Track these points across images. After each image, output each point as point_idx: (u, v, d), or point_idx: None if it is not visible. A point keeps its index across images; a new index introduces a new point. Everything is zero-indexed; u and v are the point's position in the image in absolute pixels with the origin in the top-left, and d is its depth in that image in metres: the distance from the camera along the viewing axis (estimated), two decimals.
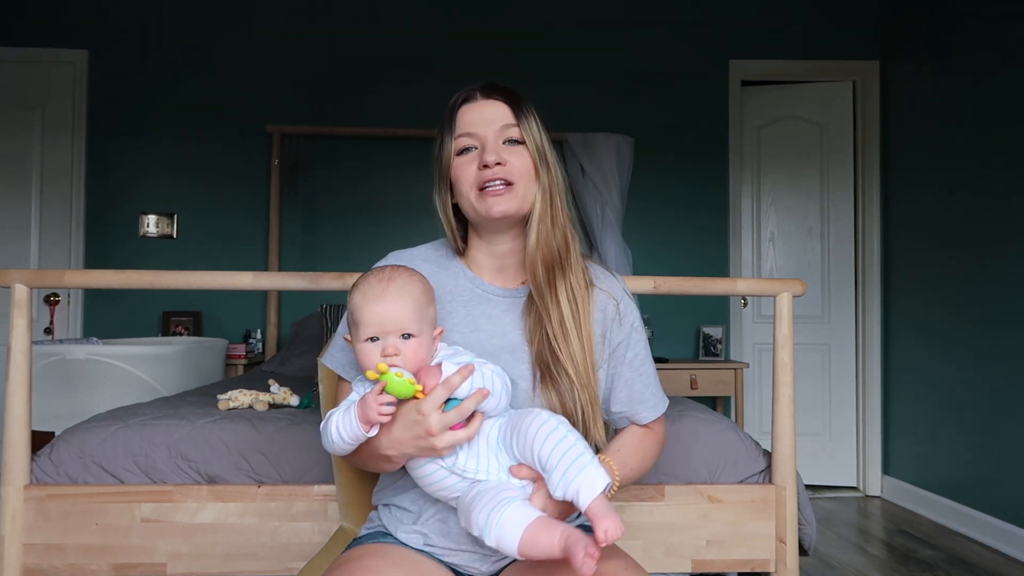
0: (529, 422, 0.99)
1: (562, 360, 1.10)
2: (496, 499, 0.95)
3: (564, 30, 4.00)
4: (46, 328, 3.78)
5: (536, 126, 1.15)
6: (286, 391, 2.06)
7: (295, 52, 3.93)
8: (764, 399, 3.99)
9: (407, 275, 1.07)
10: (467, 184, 1.13)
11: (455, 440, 0.98)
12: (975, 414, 3.10)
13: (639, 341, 1.23)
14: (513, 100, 1.15)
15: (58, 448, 1.66)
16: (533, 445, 0.97)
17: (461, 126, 1.14)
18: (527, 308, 1.16)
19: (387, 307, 1.02)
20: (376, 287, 1.04)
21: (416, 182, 3.94)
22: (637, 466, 1.18)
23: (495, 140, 1.13)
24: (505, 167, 1.11)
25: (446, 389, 0.97)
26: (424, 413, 0.96)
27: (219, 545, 1.59)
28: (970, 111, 3.20)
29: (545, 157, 1.15)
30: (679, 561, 1.65)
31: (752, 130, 4.12)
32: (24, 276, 1.58)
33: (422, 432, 0.97)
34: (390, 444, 1.01)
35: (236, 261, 3.84)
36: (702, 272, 3.94)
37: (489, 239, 1.18)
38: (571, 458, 0.94)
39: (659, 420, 1.25)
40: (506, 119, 1.14)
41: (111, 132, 3.87)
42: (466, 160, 1.14)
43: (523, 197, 1.13)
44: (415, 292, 1.05)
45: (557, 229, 1.15)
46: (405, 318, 1.02)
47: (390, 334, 1.01)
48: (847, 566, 2.73)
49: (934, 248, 3.43)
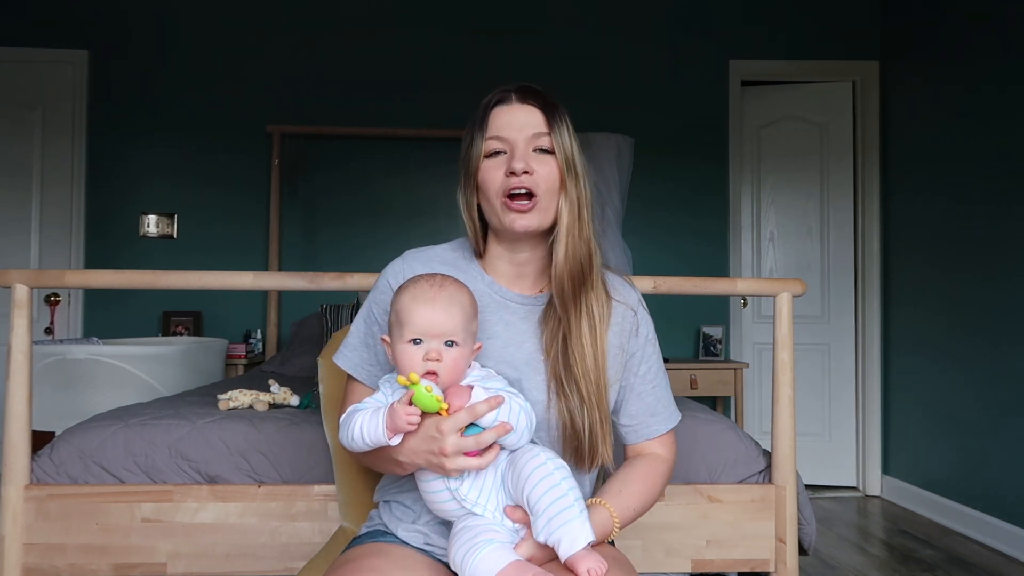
0: (526, 461, 0.98)
1: (576, 376, 1.09)
2: (474, 540, 0.95)
3: (564, 30, 4.00)
4: (46, 328, 3.79)
5: (568, 135, 1.13)
6: (286, 391, 2.06)
7: (295, 52, 3.93)
8: (764, 399, 3.99)
9: (458, 284, 1.07)
10: (493, 191, 1.11)
11: (466, 466, 0.97)
12: (975, 414, 3.10)
13: (653, 354, 1.22)
14: (548, 107, 1.13)
15: (58, 448, 1.66)
16: (525, 485, 0.96)
17: (493, 128, 1.13)
18: (544, 317, 1.15)
19: (437, 312, 1.01)
20: (428, 291, 1.03)
21: (417, 182, 3.94)
22: (640, 505, 1.13)
23: (525, 147, 1.11)
24: (532, 176, 1.09)
25: (470, 415, 0.96)
26: (442, 432, 0.95)
27: (219, 545, 1.60)
28: (970, 111, 3.20)
29: (574, 168, 1.12)
30: (679, 561, 1.65)
31: (752, 130, 4.12)
32: (24, 276, 1.58)
33: (436, 449, 0.96)
34: (404, 452, 1.00)
35: (236, 261, 3.85)
36: (702, 272, 3.94)
37: (510, 247, 1.17)
38: (559, 508, 0.93)
39: (669, 435, 1.22)
40: (538, 127, 1.12)
41: (111, 132, 3.87)
42: (494, 164, 1.12)
43: (546, 211, 1.11)
44: (464, 302, 1.04)
45: (583, 241, 1.13)
46: (452, 326, 1.01)
47: (435, 339, 1.01)
48: (847, 566, 2.73)
49: (934, 248, 3.43)
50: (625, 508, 1.10)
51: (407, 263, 1.19)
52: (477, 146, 1.13)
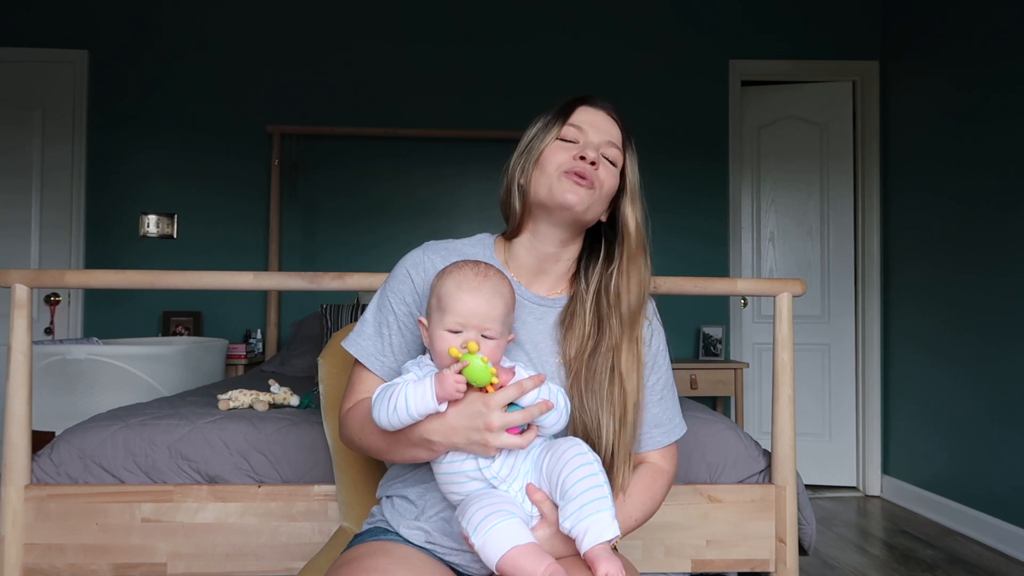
0: (567, 447, 0.99)
1: (614, 403, 1.10)
2: (501, 507, 0.94)
3: (564, 30, 4.00)
4: (46, 328, 3.79)
5: (636, 165, 1.19)
6: (286, 391, 2.06)
7: (295, 52, 3.93)
8: (764, 399, 3.99)
9: (501, 276, 1.07)
10: (554, 164, 1.13)
11: (509, 443, 0.96)
12: (975, 414, 3.10)
13: (663, 365, 1.22)
14: (626, 129, 1.19)
15: (58, 448, 1.66)
16: (563, 470, 0.96)
17: (575, 119, 1.16)
18: (565, 323, 1.16)
19: (480, 302, 1.01)
20: (473, 280, 1.03)
21: (417, 182, 3.94)
22: (641, 515, 1.14)
23: (597, 148, 1.14)
24: (597, 170, 1.12)
25: (518, 389, 0.97)
26: (490, 407, 0.95)
27: (219, 545, 1.60)
28: (970, 111, 3.20)
29: (638, 195, 1.18)
30: (679, 561, 1.65)
31: (752, 130, 4.12)
32: (24, 276, 1.58)
33: (481, 425, 0.95)
34: (440, 430, 0.98)
35: (236, 261, 3.84)
36: (702, 272, 3.94)
37: (542, 237, 1.17)
38: (593, 496, 0.94)
39: (672, 448, 1.22)
40: (615, 138, 1.16)
41: (111, 132, 3.87)
42: (563, 147, 1.14)
43: (596, 202, 1.13)
44: (506, 294, 1.05)
45: (648, 269, 1.18)
46: (493, 317, 1.02)
47: (474, 329, 1.01)
48: (847, 566, 2.73)
49: (934, 248, 3.43)
50: (626, 517, 1.10)
51: (427, 254, 1.18)
52: (553, 130, 1.16)
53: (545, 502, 1.00)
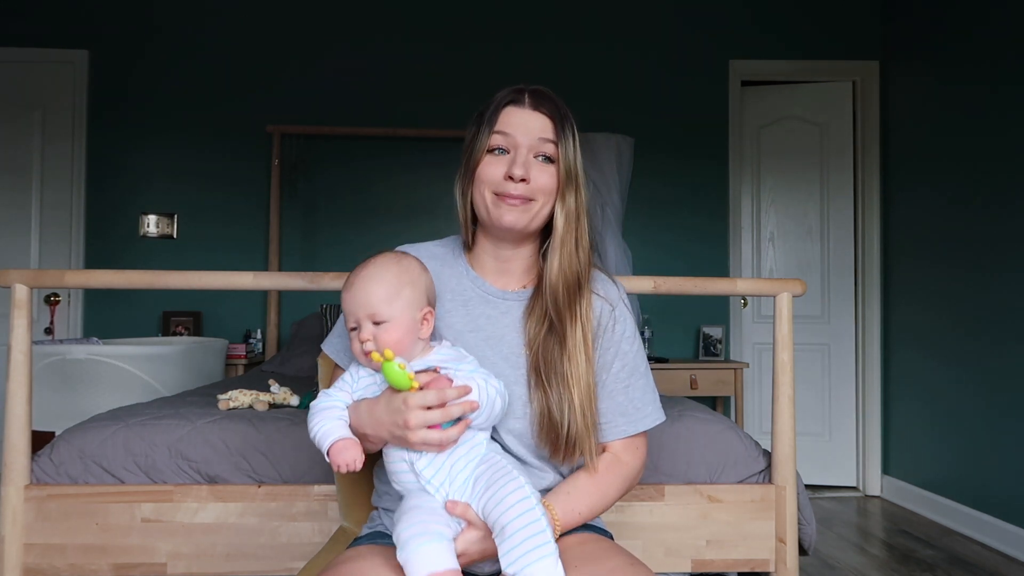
0: (505, 483, 0.97)
1: (570, 382, 1.10)
2: (428, 527, 0.95)
3: (565, 29, 4.00)
4: (46, 328, 3.79)
5: (573, 146, 1.14)
6: (286, 391, 2.06)
7: (295, 52, 3.93)
8: (764, 399, 3.99)
9: (382, 261, 1.08)
10: (487, 185, 1.12)
11: (428, 439, 0.98)
12: (975, 413, 3.10)
13: (629, 352, 1.19)
14: (558, 116, 1.14)
15: (58, 448, 1.66)
16: (499, 508, 0.95)
17: (500, 124, 1.13)
18: (527, 312, 1.16)
19: (355, 294, 1.05)
20: (352, 278, 1.07)
21: (417, 182, 3.94)
22: (588, 510, 1.11)
23: (528, 153, 1.12)
24: (529, 185, 1.11)
25: (438, 395, 0.98)
26: (408, 406, 0.98)
27: (219, 545, 1.60)
28: (970, 111, 3.20)
29: (575, 179, 1.14)
30: (679, 561, 1.65)
31: (752, 130, 4.12)
32: (24, 276, 1.58)
33: (400, 421, 0.98)
34: (371, 423, 1.03)
35: (236, 261, 3.85)
36: (702, 272, 3.94)
37: (495, 243, 1.19)
38: (534, 543, 0.92)
39: (639, 439, 1.19)
40: (546, 133, 1.13)
41: (111, 132, 3.87)
42: (494, 161, 1.13)
43: (536, 214, 1.13)
44: (387, 276, 1.06)
45: (581, 251, 1.15)
46: (372, 303, 1.03)
47: (363, 320, 1.04)
48: (847, 566, 2.73)
49: (934, 248, 3.42)
50: (570, 511, 1.09)
51: None
52: (482, 139, 1.14)
53: (468, 511, 0.99)
